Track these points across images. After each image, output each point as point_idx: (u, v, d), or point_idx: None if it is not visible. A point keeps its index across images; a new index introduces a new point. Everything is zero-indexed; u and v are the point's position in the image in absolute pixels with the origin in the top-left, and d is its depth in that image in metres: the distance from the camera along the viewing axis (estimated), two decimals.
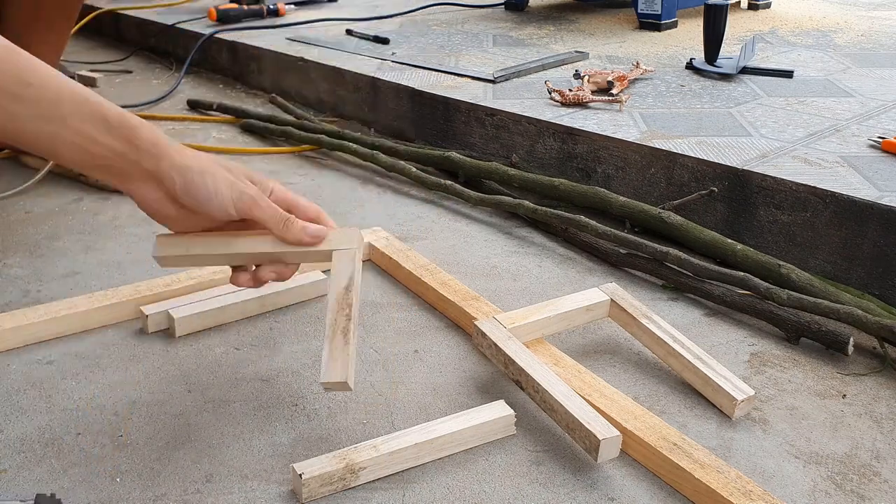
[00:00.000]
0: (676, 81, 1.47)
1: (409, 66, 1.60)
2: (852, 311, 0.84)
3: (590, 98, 1.33)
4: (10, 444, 0.71)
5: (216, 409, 0.76)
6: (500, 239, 1.13)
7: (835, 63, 1.60)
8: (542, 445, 0.72)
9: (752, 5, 2.23)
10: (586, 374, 0.78)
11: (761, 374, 0.83)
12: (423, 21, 2.07)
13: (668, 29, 1.93)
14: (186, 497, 0.65)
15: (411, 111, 1.49)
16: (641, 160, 1.15)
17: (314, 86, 1.70)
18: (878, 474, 0.69)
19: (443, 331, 0.90)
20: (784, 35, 1.88)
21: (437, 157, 1.29)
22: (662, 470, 0.68)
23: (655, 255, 0.99)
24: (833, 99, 1.35)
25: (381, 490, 0.66)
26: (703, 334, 0.90)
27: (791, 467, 0.70)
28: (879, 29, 1.95)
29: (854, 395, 0.80)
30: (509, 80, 1.49)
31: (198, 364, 0.83)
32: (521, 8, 2.20)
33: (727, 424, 0.75)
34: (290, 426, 0.74)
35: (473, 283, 0.99)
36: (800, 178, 1.01)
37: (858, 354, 0.86)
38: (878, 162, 1.06)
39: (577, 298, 0.86)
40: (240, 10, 2.05)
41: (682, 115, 1.27)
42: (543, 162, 1.28)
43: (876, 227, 0.94)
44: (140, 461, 0.69)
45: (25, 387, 0.79)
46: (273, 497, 0.65)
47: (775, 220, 1.03)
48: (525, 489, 0.67)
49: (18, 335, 0.85)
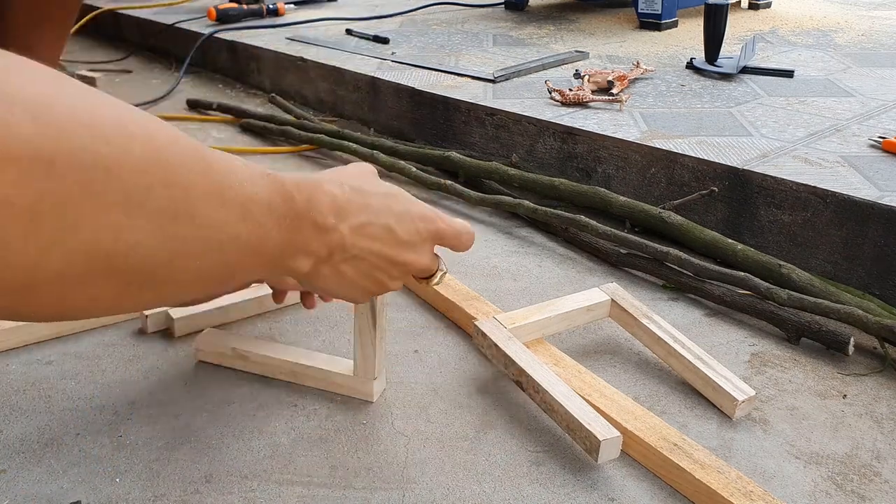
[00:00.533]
0: (677, 81, 1.47)
1: (409, 66, 1.60)
2: (853, 311, 0.84)
3: (590, 98, 1.33)
4: (10, 445, 0.71)
5: (216, 409, 0.76)
6: (500, 239, 1.13)
7: (835, 63, 1.60)
8: (542, 445, 0.72)
9: (753, 5, 2.23)
10: (586, 374, 0.78)
11: (762, 375, 0.82)
12: (423, 21, 2.07)
13: (668, 28, 1.93)
14: (186, 497, 0.65)
15: (411, 111, 1.48)
16: (642, 160, 1.15)
17: (314, 85, 1.70)
18: (878, 474, 0.69)
19: (443, 331, 0.90)
20: (784, 35, 1.88)
21: (437, 156, 1.29)
22: (663, 470, 0.68)
23: (656, 255, 0.99)
24: (834, 99, 1.35)
25: (381, 490, 0.66)
26: (703, 334, 0.89)
27: (791, 467, 0.70)
28: (880, 28, 1.95)
29: (855, 395, 0.79)
30: (509, 80, 1.49)
31: (197, 364, 0.83)
32: (521, 7, 2.20)
33: (728, 425, 0.75)
34: (290, 426, 0.74)
35: (473, 283, 0.99)
36: (800, 177, 1.01)
37: (859, 354, 0.86)
38: (878, 162, 1.06)
39: (577, 298, 0.86)
40: (239, 9, 2.05)
41: (682, 115, 1.27)
42: (543, 162, 1.28)
43: (876, 226, 0.94)
44: (139, 461, 0.69)
45: (25, 387, 0.79)
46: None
47: (776, 220, 1.03)
48: (525, 489, 0.67)
49: (18, 335, 0.85)
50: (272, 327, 0.90)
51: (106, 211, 0.35)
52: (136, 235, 0.37)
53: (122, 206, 0.35)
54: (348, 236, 0.56)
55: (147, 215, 0.37)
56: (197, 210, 0.41)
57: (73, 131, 0.33)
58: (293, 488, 0.66)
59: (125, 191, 0.35)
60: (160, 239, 0.39)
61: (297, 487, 0.66)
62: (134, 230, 0.36)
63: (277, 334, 0.88)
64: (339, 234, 0.56)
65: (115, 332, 0.89)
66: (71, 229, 0.33)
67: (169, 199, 0.38)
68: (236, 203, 0.45)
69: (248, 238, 0.47)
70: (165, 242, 0.39)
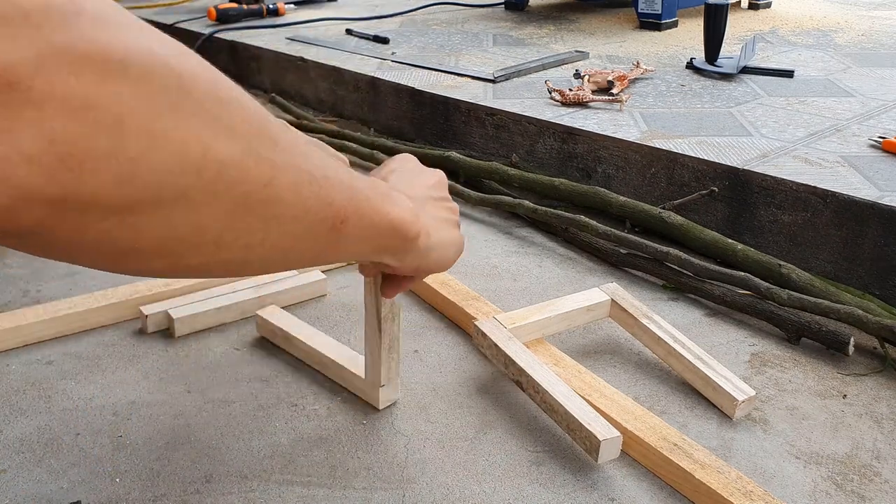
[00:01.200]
0: (677, 81, 1.47)
1: (409, 66, 1.60)
2: (853, 311, 0.84)
3: (590, 98, 1.33)
4: (10, 445, 0.71)
5: (216, 409, 0.76)
6: (500, 239, 1.13)
7: (835, 63, 1.60)
8: (542, 446, 0.72)
9: (753, 5, 2.23)
10: (586, 374, 0.78)
11: (762, 375, 0.82)
12: (423, 21, 2.07)
13: (668, 28, 1.93)
14: (186, 497, 0.65)
15: (411, 111, 1.48)
16: (642, 160, 1.15)
17: (314, 85, 1.70)
18: (878, 474, 0.69)
19: (443, 331, 0.90)
20: (784, 35, 1.88)
21: (437, 156, 1.29)
22: (663, 470, 0.68)
23: (656, 255, 0.99)
24: (833, 99, 1.35)
25: (381, 490, 0.66)
26: (703, 334, 0.89)
27: (791, 467, 0.69)
28: (880, 28, 1.95)
29: (854, 395, 0.79)
30: (509, 80, 1.49)
31: (197, 364, 0.83)
32: (521, 7, 2.20)
33: (728, 425, 0.75)
34: (290, 426, 0.74)
35: (473, 283, 0.99)
36: (800, 177, 1.01)
37: (859, 354, 0.86)
38: (878, 162, 1.06)
39: (577, 298, 0.86)
40: (239, 9, 2.05)
41: (682, 115, 1.27)
42: (543, 162, 1.28)
43: (876, 226, 0.93)
44: (139, 461, 0.69)
45: (25, 387, 0.79)
46: None
47: (776, 220, 1.03)
48: (525, 489, 0.67)
49: (18, 335, 0.85)
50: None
51: (187, 121, 0.34)
52: (224, 150, 0.36)
53: (203, 118, 0.35)
54: (406, 189, 0.58)
55: (231, 132, 0.36)
56: (279, 134, 0.40)
57: (141, 38, 0.33)
58: (293, 488, 0.66)
59: (202, 103, 0.35)
60: (251, 158, 0.38)
61: (297, 487, 0.66)
62: (220, 145, 0.36)
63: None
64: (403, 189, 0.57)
65: (115, 332, 0.89)
66: (158, 138, 0.33)
67: (244, 119, 0.37)
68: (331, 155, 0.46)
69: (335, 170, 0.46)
70: (258, 164, 0.38)
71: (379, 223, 0.50)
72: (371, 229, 0.50)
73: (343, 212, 0.46)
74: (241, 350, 0.86)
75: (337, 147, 1.39)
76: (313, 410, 0.76)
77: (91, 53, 0.30)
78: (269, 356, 0.84)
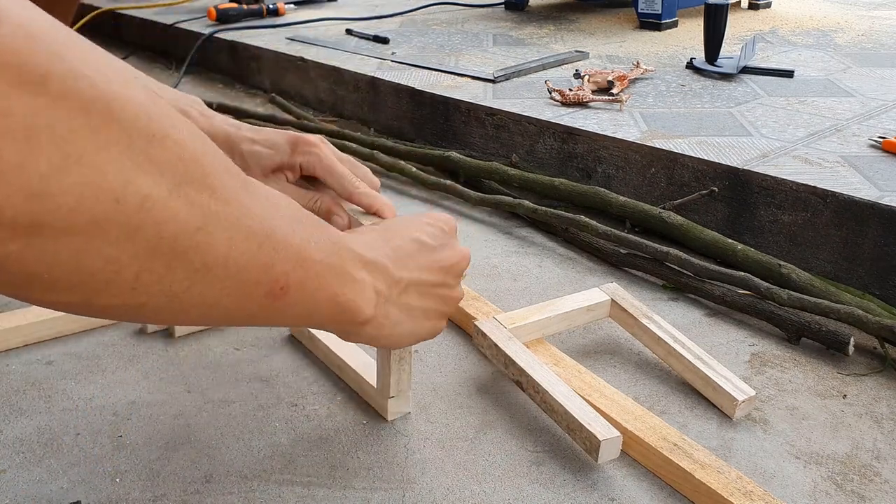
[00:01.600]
0: (677, 81, 1.47)
1: (409, 66, 1.60)
2: (853, 311, 0.84)
3: (590, 98, 1.33)
4: (9, 445, 0.71)
5: (215, 409, 0.76)
6: (500, 239, 1.13)
7: (835, 63, 1.60)
8: (542, 446, 0.72)
9: (753, 5, 2.23)
10: (586, 374, 0.78)
11: (762, 375, 0.82)
12: (423, 21, 2.07)
13: (668, 28, 1.93)
14: (186, 497, 0.65)
15: (411, 111, 1.48)
16: (642, 160, 1.15)
17: (314, 85, 1.70)
18: (878, 474, 0.69)
19: (443, 331, 0.90)
20: (784, 35, 1.88)
21: (437, 156, 1.29)
22: (663, 470, 0.68)
23: (656, 255, 0.99)
24: (834, 99, 1.35)
25: (381, 490, 0.66)
26: (703, 334, 0.89)
27: (791, 467, 0.70)
28: (880, 28, 1.95)
29: (855, 395, 0.79)
30: (509, 80, 1.49)
31: (197, 364, 0.83)
32: (521, 7, 2.20)
33: (728, 425, 0.75)
34: (290, 426, 0.74)
35: (473, 283, 0.99)
36: (800, 177, 1.01)
37: (859, 354, 0.86)
38: (878, 162, 1.06)
39: (577, 298, 0.86)
40: (239, 9, 2.05)
41: (682, 115, 1.27)
42: (543, 162, 1.28)
43: (877, 226, 0.93)
44: (139, 461, 0.69)
45: (24, 387, 0.79)
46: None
47: (776, 220, 1.03)
48: (525, 489, 0.67)
49: (18, 335, 0.85)
50: (272, 327, 0.90)
51: (107, 149, 0.32)
52: (147, 185, 0.34)
53: (126, 149, 0.33)
54: (393, 269, 0.56)
55: (158, 169, 0.34)
56: (219, 182, 0.38)
57: (69, 56, 0.32)
58: (293, 488, 0.66)
59: (128, 133, 0.33)
60: (179, 199, 0.35)
61: (297, 487, 0.66)
62: (144, 179, 0.34)
63: (277, 334, 0.88)
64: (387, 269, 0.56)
65: (115, 332, 0.89)
66: (72, 158, 0.31)
67: (178, 158, 0.35)
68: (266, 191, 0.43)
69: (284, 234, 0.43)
70: (188, 207, 0.36)
71: (323, 302, 0.48)
72: (313, 305, 0.48)
73: (284, 280, 0.43)
74: (241, 350, 0.86)
75: (337, 147, 1.39)
76: (313, 410, 0.76)
77: (8, 62, 0.29)
78: (270, 356, 0.84)
